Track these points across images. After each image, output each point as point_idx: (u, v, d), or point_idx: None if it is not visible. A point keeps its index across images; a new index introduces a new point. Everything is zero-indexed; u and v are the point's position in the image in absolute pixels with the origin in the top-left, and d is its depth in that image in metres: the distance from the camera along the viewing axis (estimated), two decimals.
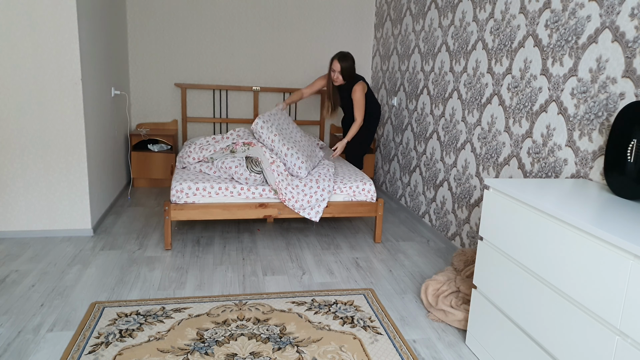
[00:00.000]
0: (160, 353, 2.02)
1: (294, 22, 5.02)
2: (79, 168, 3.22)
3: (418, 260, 3.20)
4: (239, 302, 2.48)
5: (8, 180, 3.14)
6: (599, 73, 2.10)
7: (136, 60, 4.76)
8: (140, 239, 3.31)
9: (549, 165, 2.43)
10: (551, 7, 2.41)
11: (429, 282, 2.53)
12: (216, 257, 3.08)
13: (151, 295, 2.54)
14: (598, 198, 1.79)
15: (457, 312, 2.34)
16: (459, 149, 3.32)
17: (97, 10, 3.53)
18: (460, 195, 3.31)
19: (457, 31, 3.38)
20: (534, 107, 2.55)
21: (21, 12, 2.95)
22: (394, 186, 4.55)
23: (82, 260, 2.92)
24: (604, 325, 1.42)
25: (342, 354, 2.08)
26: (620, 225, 1.46)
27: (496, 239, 1.96)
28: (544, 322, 1.68)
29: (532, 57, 2.56)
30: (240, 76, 5.02)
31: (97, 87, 3.53)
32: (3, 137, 3.07)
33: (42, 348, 2.04)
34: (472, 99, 3.16)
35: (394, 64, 4.58)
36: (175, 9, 4.74)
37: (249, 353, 2.05)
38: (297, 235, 3.53)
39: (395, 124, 4.55)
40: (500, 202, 1.92)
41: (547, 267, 1.65)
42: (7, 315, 2.27)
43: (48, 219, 3.25)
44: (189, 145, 3.56)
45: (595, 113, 2.13)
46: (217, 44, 4.90)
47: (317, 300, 2.55)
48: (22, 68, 3.01)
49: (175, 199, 3.08)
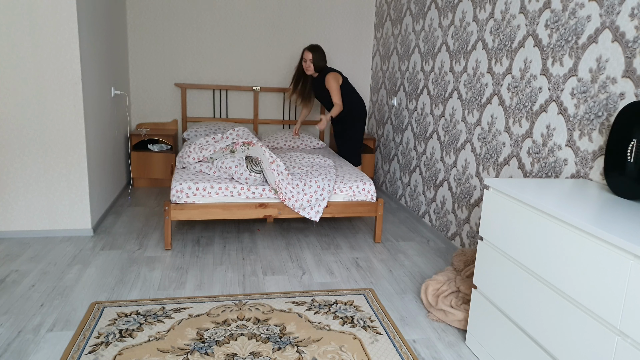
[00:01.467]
0: (160, 353, 2.02)
1: (294, 22, 5.02)
2: (79, 168, 3.22)
3: (418, 260, 3.20)
4: (239, 302, 2.48)
5: (8, 180, 3.14)
6: (599, 73, 2.10)
7: (136, 60, 4.76)
8: (140, 238, 3.31)
9: (549, 165, 2.43)
10: (551, 7, 2.41)
11: (429, 282, 2.53)
12: (216, 257, 3.08)
13: (151, 295, 2.54)
14: (598, 198, 1.79)
15: (457, 312, 2.34)
16: (459, 149, 3.32)
17: (97, 10, 3.53)
18: (460, 195, 3.31)
19: (457, 31, 3.38)
20: (534, 107, 2.55)
21: (21, 12, 2.95)
22: (394, 186, 4.55)
23: (82, 260, 2.92)
24: (604, 325, 1.42)
25: (342, 354, 2.08)
26: (620, 225, 1.46)
27: (496, 239, 1.96)
28: (544, 322, 1.68)
29: (532, 57, 2.56)
30: (240, 76, 5.02)
31: (97, 87, 3.53)
32: (3, 137, 3.07)
33: (42, 348, 2.04)
34: (472, 99, 3.16)
35: (394, 64, 4.58)
36: (175, 9, 4.74)
37: (249, 353, 2.05)
38: (297, 235, 3.53)
39: (395, 124, 4.55)
40: (500, 202, 1.92)
41: (547, 267, 1.65)
42: (7, 315, 2.27)
43: (48, 219, 3.25)
44: (189, 145, 3.56)
45: (595, 113, 2.13)
46: (217, 44, 4.90)
47: (317, 300, 2.55)
48: (22, 68, 3.01)
49: (175, 199, 3.08)
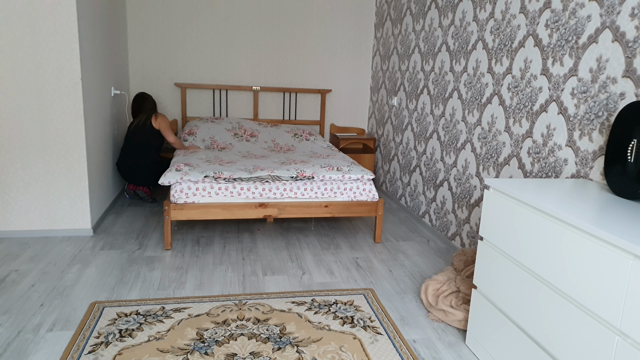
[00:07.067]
0: (160, 353, 2.02)
1: (294, 21, 5.02)
2: (79, 168, 3.22)
3: (418, 260, 3.20)
4: (239, 302, 2.48)
5: (8, 180, 3.14)
6: (599, 73, 2.10)
7: (136, 60, 4.76)
8: (140, 238, 3.31)
9: (549, 165, 2.42)
10: (551, 7, 2.41)
11: (429, 282, 2.53)
12: (216, 257, 3.08)
13: (151, 295, 2.54)
14: (598, 198, 1.79)
15: (457, 312, 2.33)
16: (459, 149, 3.32)
17: (97, 10, 3.53)
18: (460, 195, 3.31)
19: (457, 31, 3.38)
20: (534, 107, 2.55)
21: (21, 12, 2.95)
22: (394, 186, 4.55)
23: (82, 260, 2.91)
24: (604, 325, 1.42)
25: (342, 354, 2.08)
26: (620, 225, 1.46)
27: (496, 239, 1.96)
28: (543, 322, 1.67)
29: (533, 57, 2.56)
30: (240, 76, 5.02)
31: (97, 86, 3.52)
32: (3, 137, 3.07)
33: (42, 348, 2.04)
34: (472, 98, 3.15)
35: (394, 64, 4.58)
36: (175, 9, 4.74)
37: (249, 353, 2.05)
38: (297, 235, 3.53)
39: (395, 124, 4.55)
40: (501, 202, 1.92)
41: (547, 267, 1.65)
42: (7, 315, 2.27)
43: (48, 218, 3.25)
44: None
45: (595, 113, 2.13)
46: (217, 43, 4.90)
47: (317, 300, 2.55)
48: (22, 68, 3.01)
49: (175, 198, 3.08)
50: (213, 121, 4.61)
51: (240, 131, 4.54)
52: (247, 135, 4.52)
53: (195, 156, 3.67)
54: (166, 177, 3.08)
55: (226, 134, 4.45)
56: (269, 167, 3.34)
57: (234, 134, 4.48)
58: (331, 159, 3.68)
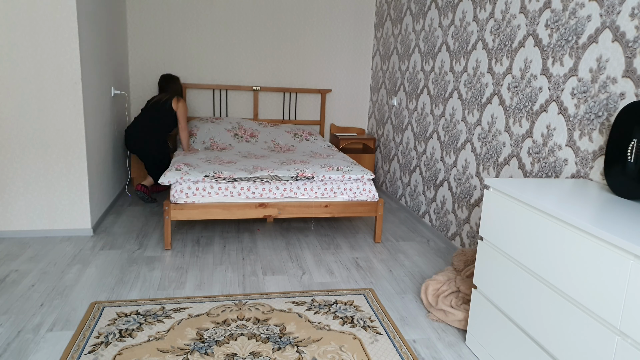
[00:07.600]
0: (160, 353, 2.02)
1: (294, 21, 5.02)
2: (79, 168, 3.22)
3: (418, 260, 3.20)
4: (239, 302, 2.48)
5: (8, 180, 3.14)
6: (599, 73, 2.10)
7: (136, 60, 4.76)
8: (140, 238, 3.31)
9: (549, 165, 2.42)
10: (551, 7, 2.41)
11: (429, 282, 2.53)
12: (216, 257, 3.08)
13: (151, 295, 2.54)
14: (598, 198, 1.79)
15: (457, 312, 2.33)
16: (459, 149, 3.32)
17: (97, 10, 3.53)
18: (460, 195, 3.31)
19: (457, 31, 3.38)
20: (534, 107, 2.55)
21: (21, 12, 2.95)
22: (394, 186, 4.55)
23: (82, 260, 2.91)
24: (604, 325, 1.42)
25: (342, 354, 2.08)
26: (620, 225, 1.46)
27: (496, 238, 1.96)
28: (543, 322, 1.67)
29: (533, 57, 2.56)
30: (240, 76, 5.02)
31: (97, 86, 3.52)
32: (3, 137, 3.07)
33: (42, 348, 2.04)
34: (472, 98, 3.15)
35: (394, 64, 4.58)
36: (175, 10, 4.74)
37: (249, 353, 2.05)
38: (297, 235, 3.53)
39: (395, 124, 4.55)
40: (501, 202, 1.92)
41: (547, 267, 1.65)
42: (6, 315, 2.27)
43: (48, 218, 3.25)
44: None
45: (595, 113, 2.13)
46: (217, 43, 4.90)
47: (317, 300, 2.55)
48: (22, 68, 3.01)
49: (175, 198, 3.08)
50: (213, 121, 4.61)
51: (240, 131, 4.54)
52: (247, 135, 4.52)
53: (195, 156, 3.67)
54: (166, 177, 3.08)
55: (226, 134, 4.45)
56: (269, 167, 3.34)
57: (234, 134, 4.48)
58: (331, 159, 3.69)
